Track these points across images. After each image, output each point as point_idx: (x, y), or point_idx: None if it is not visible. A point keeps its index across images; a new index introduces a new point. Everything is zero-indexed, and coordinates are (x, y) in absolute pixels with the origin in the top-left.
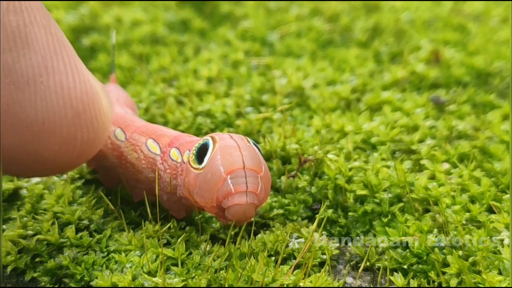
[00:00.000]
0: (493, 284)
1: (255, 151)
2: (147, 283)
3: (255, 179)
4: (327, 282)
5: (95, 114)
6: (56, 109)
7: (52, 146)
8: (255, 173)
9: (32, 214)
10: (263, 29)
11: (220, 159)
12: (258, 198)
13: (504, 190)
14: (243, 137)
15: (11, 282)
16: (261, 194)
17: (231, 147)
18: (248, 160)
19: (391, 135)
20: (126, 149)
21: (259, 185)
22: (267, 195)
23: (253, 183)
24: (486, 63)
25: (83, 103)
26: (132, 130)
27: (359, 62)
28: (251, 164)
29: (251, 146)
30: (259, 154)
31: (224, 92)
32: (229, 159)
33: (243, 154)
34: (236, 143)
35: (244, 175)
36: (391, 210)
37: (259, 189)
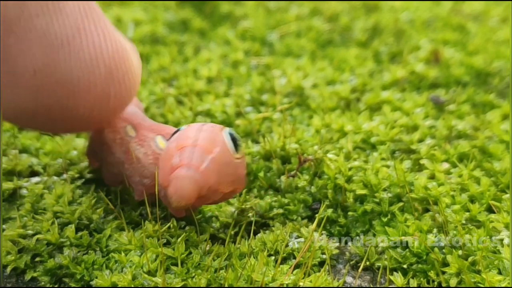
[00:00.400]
0: (492, 284)
1: (216, 134)
2: (147, 283)
3: (202, 156)
4: (327, 281)
5: (126, 71)
6: (89, 67)
7: (87, 102)
8: (206, 152)
9: (32, 213)
10: (263, 29)
11: (177, 138)
12: (202, 175)
13: (503, 189)
14: (215, 125)
15: (11, 282)
16: (207, 173)
17: (192, 130)
18: (201, 140)
19: (391, 135)
20: (134, 144)
21: (205, 162)
22: (224, 182)
23: (198, 159)
24: (485, 63)
25: (114, 61)
26: (142, 127)
27: (359, 62)
28: (203, 143)
29: (214, 131)
30: (219, 139)
31: (224, 92)
32: (183, 137)
33: (200, 134)
34: (201, 127)
35: (192, 151)
36: (391, 209)
37: (203, 166)
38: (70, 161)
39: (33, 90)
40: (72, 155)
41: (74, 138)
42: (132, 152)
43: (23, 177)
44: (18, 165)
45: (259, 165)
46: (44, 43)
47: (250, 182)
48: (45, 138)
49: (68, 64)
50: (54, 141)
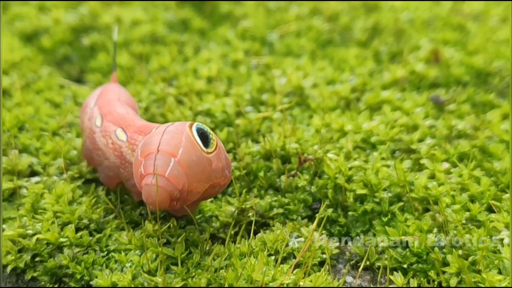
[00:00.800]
0: (493, 283)
1: (179, 135)
2: (147, 283)
3: (165, 160)
4: (327, 281)
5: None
6: None
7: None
8: (169, 156)
9: (32, 213)
10: (262, 28)
11: (142, 144)
12: (170, 181)
13: (504, 189)
14: (181, 124)
15: (11, 282)
16: (175, 178)
17: (156, 133)
18: (164, 144)
19: (391, 135)
20: (126, 149)
21: (169, 167)
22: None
23: (162, 166)
24: (485, 63)
25: None
26: (133, 130)
27: (359, 62)
28: (166, 147)
29: (178, 132)
30: (184, 139)
31: (224, 92)
32: (147, 143)
33: (162, 137)
34: (164, 129)
35: (154, 158)
36: (391, 209)
37: (168, 172)
38: (70, 161)
39: None
40: (72, 155)
41: (73, 138)
42: (124, 157)
43: (23, 177)
44: (18, 165)
45: (259, 164)
46: None
47: (250, 181)
48: (45, 138)
49: None
50: (54, 141)
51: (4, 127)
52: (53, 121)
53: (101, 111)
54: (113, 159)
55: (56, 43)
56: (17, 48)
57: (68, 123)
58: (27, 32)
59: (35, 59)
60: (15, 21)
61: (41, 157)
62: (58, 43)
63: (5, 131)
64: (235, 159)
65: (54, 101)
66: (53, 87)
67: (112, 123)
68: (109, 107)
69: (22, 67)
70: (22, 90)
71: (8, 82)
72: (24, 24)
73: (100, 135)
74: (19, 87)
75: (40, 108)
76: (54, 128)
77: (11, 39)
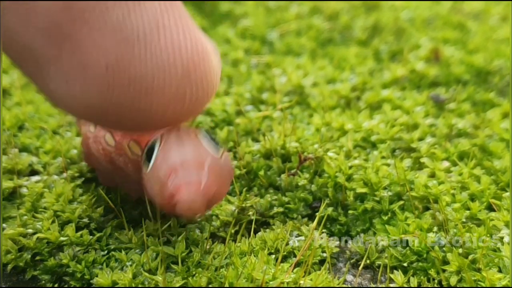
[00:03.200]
0: (493, 282)
1: (197, 143)
2: (148, 281)
3: (198, 173)
4: (327, 280)
5: (205, 73)
6: (166, 66)
7: (161, 102)
8: (197, 167)
9: (32, 212)
10: (263, 27)
11: (161, 161)
12: (204, 192)
13: (504, 188)
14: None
15: (11, 281)
16: (207, 188)
17: (171, 148)
18: (188, 155)
19: (391, 133)
20: (115, 154)
21: (203, 179)
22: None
23: (195, 178)
24: (486, 61)
25: (193, 61)
26: (121, 134)
27: (359, 61)
28: (191, 159)
29: (194, 139)
30: (203, 147)
31: (224, 91)
32: (167, 160)
33: (183, 149)
34: (179, 140)
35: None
36: (391, 208)
37: (202, 184)
38: (70, 160)
39: (104, 86)
40: (72, 153)
41: (74, 137)
42: (114, 163)
43: (23, 176)
44: (18, 164)
45: (259, 163)
46: (118, 36)
47: (250, 180)
48: (45, 137)
49: (144, 61)
50: (54, 140)
51: (4, 126)
52: (53, 120)
53: None
54: (105, 164)
55: None
56: None
57: (68, 122)
58: None
59: None
60: None
61: (41, 156)
62: None
63: (5, 130)
64: (235, 158)
65: None
66: None
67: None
68: None
69: None
70: (22, 89)
71: (8, 81)
72: None
73: (93, 141)
74: (19, 86)
75: (40, 107)
76: (54, 127)
77: None
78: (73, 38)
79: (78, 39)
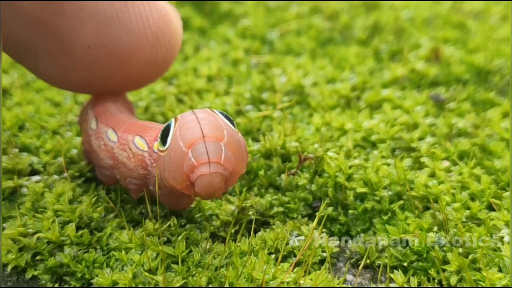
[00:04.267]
0: (493, 281)
1: (215, 118)
2: (148, 281)
3: (217, 147)
4: (327, 279)
5: (171, 34)
6: (139, 36)
7: (138, 67)
8: (216, 141)
9: (32, 212)
10: (263, 27)
11: (179, 135)
12: (225, 166)
13: (504, 187)
14: (206, 110)
15: (11, 281)
16: (228, 162)
17: (189, 121)
18: (207, 129)
19: (391, 133)
20: (118, 150)
21: (223, 153)
22: (240, 162)
23: (215, 152)
24: (486, 61)
25: (160, 27)
26: (123, 129)
27: (359, 60)
28: (211, 133)
29: (212, 115)
30: (221, 122)
31: (224, 90)
32: (187, 133)
33: (201, 124)
34: (195, 116)
35: (204, 146)
36: (391, 207)
37: (223, 158)
38: (70, 159)
39: (88, 63)
40: (72, 153)
41: (74, 137)
42: (117, 158)
43: (24, 175)
44: (19, 164)
45: (259, 163)
46: (95, 20)
47: (250, 180)
48: (45, 136)
49: (119, 37)
50: (54, 140)
51: (5, 126)
52: (53, 120)
53: (96, 113)
54: (107, 160)
55: None
56: None
57: (68, 122)
58: None
59: None
60: None
61: (41, 156)
62: None
63: (6, 130)
64: None
65: (54, 100)
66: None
67: (104, 124)
68: (103, 109)
69: (22, 67)
70: (22, 89)
71: (8, 81)
72: None
73: (94, 137)
74: (19, 86)
75: (40, 107)
76: (54, 127)
77: None
78: (55, 28)
79: (61, 28)
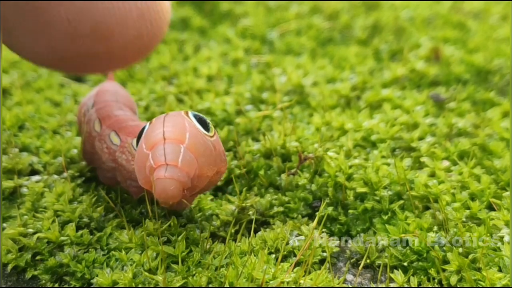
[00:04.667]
0: (493, 281)
1: (181, 120)
2: (148, 281)
3: (175, 149)
4: (328, 279)
5: (157, 10)
6: (122, 11)
7: (121, 44)
8: (176, 143)
9: (32, 212)
10: (263, 27)
11: (144, 137)
12: (182, 170)
13: (504, 187)
14: (179, 113)
15: (11, 280)
16: (186, 165)
17: (157, 123)
18: (168, 132)
19: (391, 133)
20: (118, 153)
21: (181, 155)
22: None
23: (172, 154)
24: (486, 61)
25: (146, 3)
26: (125, 132)
27: (359, 60)
28: (171, 135)
29: (179, 117)
30: (187, 124)
31: (224, 90)
32: (151, 135)
33: (165, 126)
34: (163, 118)
35: (163, 148)
36: (391, 207)
37: (180, 160)
38: (70, 159)
39: (69, 37)
40: (72, 153)
41: (74, 137)
42: (117, 161)
43: (24, 175)
44: (19, 164)
45: (259, 163)
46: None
47: (250, 180)
48: (45, 136)
49: (101, 10)
50: (54, 140)
51: (5, 126)
52: (53, 119)
53: (99, 115)
54: (109, 163)
55: None
56: None
57: (68, 121)
58: None
59: None
60: None
61: (41, 156)
62: None
63: (6, 130)
64: (235, 158)
65: (54, 100)
66: (53, 85)
67: (107, 127)
68: (106, 111)
69: (22, 66)
70: (22, 89)
71: (8, 81)
72: None
73: (97, 140)
74: (19, 86)
75: (40, 107)
76: (54, 126)
77: None
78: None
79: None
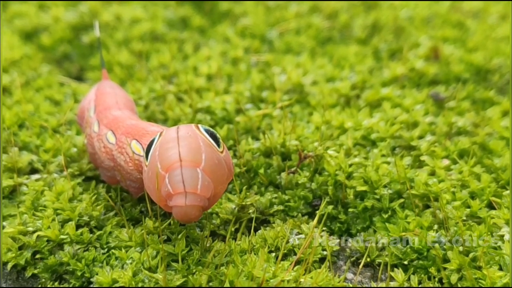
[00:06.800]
0: (493, 280)
1: (196, 139)
2: (148, 279)
3: (193, 174)
4: (328, 278)
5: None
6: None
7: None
8: (193, 166)
9: (32, 210)
10: (262, 26)
11: (158, 155)
12: (202, 196)
13: (504, 186)
14: (189, 127)
15: (11, 279)
16: (205, 190)
17: (170, 140)
18: (184, 153)
19: (391, 132)
20: (116, 152)
21: (199, 181)
22: (220, 183)
23: (191, 180)
24: (485, 60)
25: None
26: (121, 131)
27: (359, 59)
28: (188, 157)
29: (193, 134)
30: (201, 142)
31: (223, 89)
32: (165, 154)
33: (180, 145)
34: (176, 135)
35: (180, 172)
36: (391, 206)
37: (199, 187)
38: (70, 158)
39: None
40: (72, 152)
41: (74, 136)
42: (115, 160)
43: (23, 174)
44: (18, 162)
45: (259, 161)
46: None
47: (250, 178)
48: (45, 135)
49: None
50: (54, 138)
51: (4, 125)
52: (53, 118)
53: (98, 117)
54: (107, 162)
55: (56, 41)
56: (17, 46)
57: (68, 120)
58: (27, 30)
59: (35, 57)
60: (15, 19)
61: (41, 155)
62: (58, 41)
63: (5, 129)
64: (235, 156)
65: (54, 98)
66: (53, 84)
67: (104, 126)
68: (105, 112)
69: (22, 65)
70: (22, 88)
71: (8, 80)
72: (24, 22)
73: (96, 140)
74: (19, 85)
75: (40, 105)
76: (54, 125)
77: (11, 37)
78: None
79: None
